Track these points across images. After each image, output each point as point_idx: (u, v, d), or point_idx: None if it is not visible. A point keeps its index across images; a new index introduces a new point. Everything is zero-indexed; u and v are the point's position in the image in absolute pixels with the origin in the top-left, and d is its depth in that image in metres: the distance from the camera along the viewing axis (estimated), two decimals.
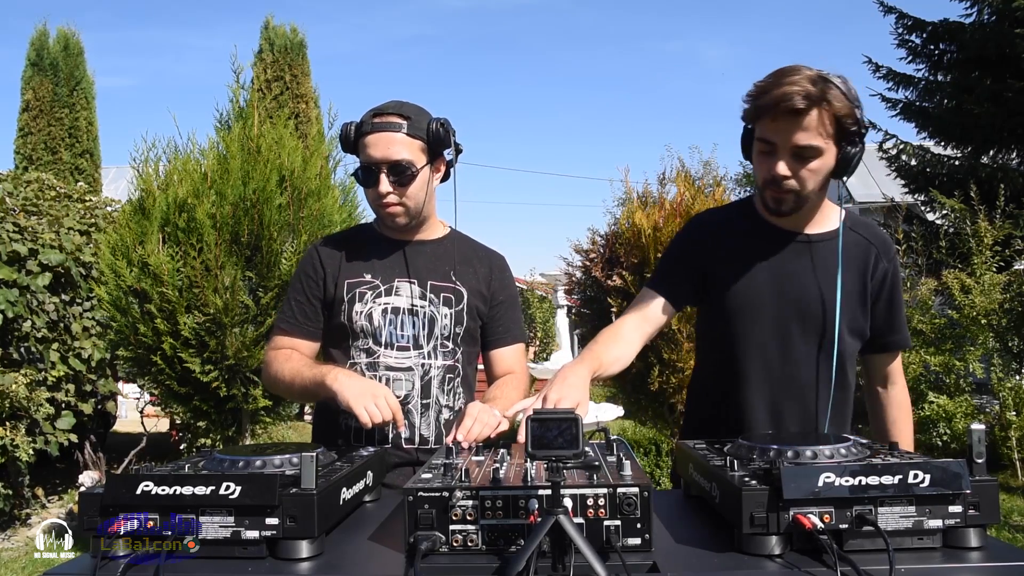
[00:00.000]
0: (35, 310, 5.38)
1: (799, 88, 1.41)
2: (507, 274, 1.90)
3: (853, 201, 17.24)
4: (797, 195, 1.51)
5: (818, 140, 1.45)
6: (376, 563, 1.05)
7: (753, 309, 1.62)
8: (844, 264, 1.59)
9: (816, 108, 1.43)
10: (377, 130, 1.66)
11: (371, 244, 1.80)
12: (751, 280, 1.62)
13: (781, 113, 1.44)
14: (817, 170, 1.49)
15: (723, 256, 1.65)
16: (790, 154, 1.47)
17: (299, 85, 11.29)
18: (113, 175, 16.25)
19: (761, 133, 1.50)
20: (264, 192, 4.41)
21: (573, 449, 0.95)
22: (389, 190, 1.68)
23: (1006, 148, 9.56)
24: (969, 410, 6.71)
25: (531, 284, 15.93)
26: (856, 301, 1.62)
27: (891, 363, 1.75)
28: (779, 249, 1.63)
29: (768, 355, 1.62)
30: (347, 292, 1.74)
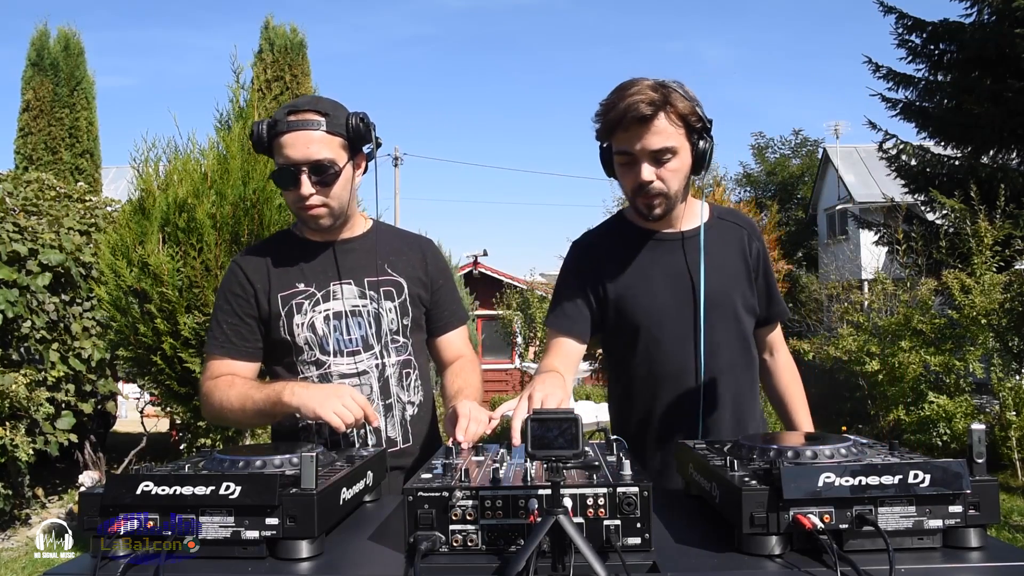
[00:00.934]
0: (35, 310, 5.38)
1: (642, 96, 1.50)
2: (440, 257, 1.87)
3: (853, 201, 17.27)
4: (665, 196, 1.59)
5: (671, 141, 1.54)
6: (376, 563, 1.05)
7: (660, 313, 1.67)
8: (723, 249, 1.70)
9: (661, 111, 1.52)
10: (294, 129, 1.56)
11: (296, 250, 1.72)
12: (648, 286, 1.68)
13: (631, 123, 1.51)
14: (677, 170, 1.57)
15: (614, 271, 1.70)
16: (649, 159, 1.55)
17: (299, 85, 11.28)
18: (113, 175, 16.26)
19: (618, 146, 1.58)
20: (264, 192, 4.41)
21: (573, 449, 0.95)
22: (312, 191, 1.59)
23: (1006, 148, 9.56)
24: (969, 410, 6.71)
25: (531, 284, 15.92)
26: (744, 281, 1.71)
27: (772, 333, 1.86)
28: (663, 251, 1.70)
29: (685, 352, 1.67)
30: (283, 306, 1.66)
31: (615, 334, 1.73)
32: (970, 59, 9.53)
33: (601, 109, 1.57)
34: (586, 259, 1.75)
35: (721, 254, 1.70)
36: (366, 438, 1.66)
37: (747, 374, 1.73)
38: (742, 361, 1.71)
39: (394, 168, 20.14)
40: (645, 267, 1.69)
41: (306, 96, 1.66)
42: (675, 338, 1.67)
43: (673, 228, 1.71)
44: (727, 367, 1.68)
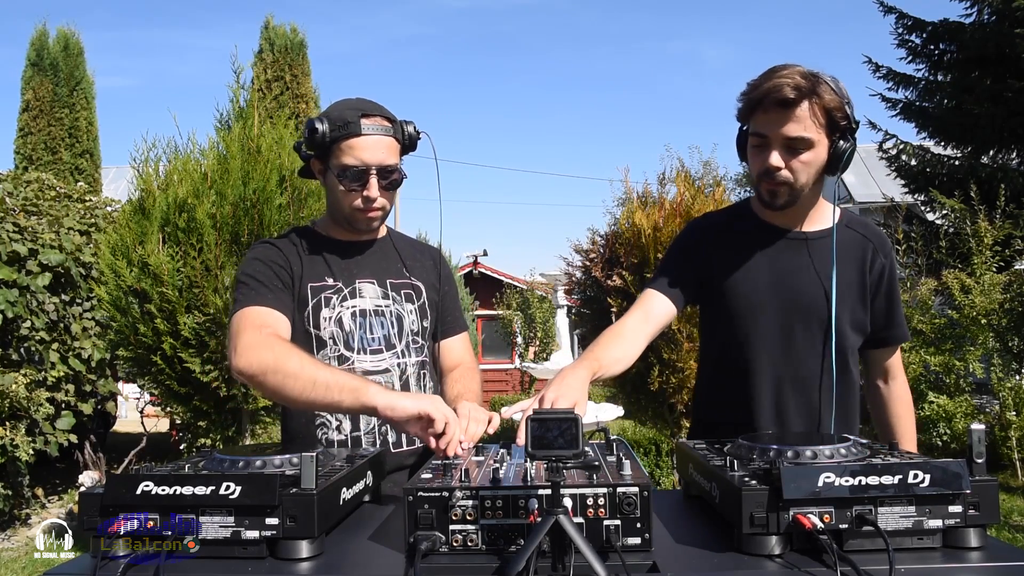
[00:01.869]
0: (35, 310, 5.38)
1: (789, 80, 1.46)
2: (447, 265, 1.91)
3: (853, 201, 17.26)
4: (790, 187, 1.54)
5: (809, 132, 1.49)
6: (376, 563, 1.05)
7: (755, 307, 1.64)
8: (841, 259, 1.62)
9: (806, 100, 1.47)
10: (370, 132, 1.60)
11: (321, 246, 1.73)
12: (752, 279, 1.64)
13: (772, 105, 1.48)
14: (809, 162, 1.52)
15: (723, 256, 1.67)
16: (782, 146, 1.51)
17: (299, 85, 11.29)
18: (113, 175, 16.26)
19: (754, 128, 1.54)
20: (264, 192, 4.41)
21: (573, 449, 0.95)
22: (379, 195, 1.64)
23: (1006, 148, 9.56)
24: (969, 410, 6.71)
25: (531, 284, 15.92)
26: (855, 296, 1.64)
27: (890, 357, 1.77)
28: (778, 247, 1.65)
29: (772, 352, 1.63)
30: (311, 297, 1.66)
31: (707, 315, 1.75)
32: (970, 59, 9.53)
33: (747, 88, 1.53)
34: (700, 237, 1.73)
35: (837, 263, 1.62)
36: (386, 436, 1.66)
37: (835, 392, 1.61)
38: (827, 376, 1.61)
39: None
40: (753, 259, 1.65)
41: (364, 100, 1.66)
42: (758, 337, 1.63)
43: (795, 226, 1.66)
44: (805, 379, 1.62)
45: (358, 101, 1.65)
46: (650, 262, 4.65)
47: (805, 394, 1.64)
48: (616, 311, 4.77)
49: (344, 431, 1.65)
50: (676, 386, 4.70)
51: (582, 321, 5.63)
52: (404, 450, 1.69)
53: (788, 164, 1.51)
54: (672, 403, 4.82)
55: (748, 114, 1.55)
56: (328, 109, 1.67)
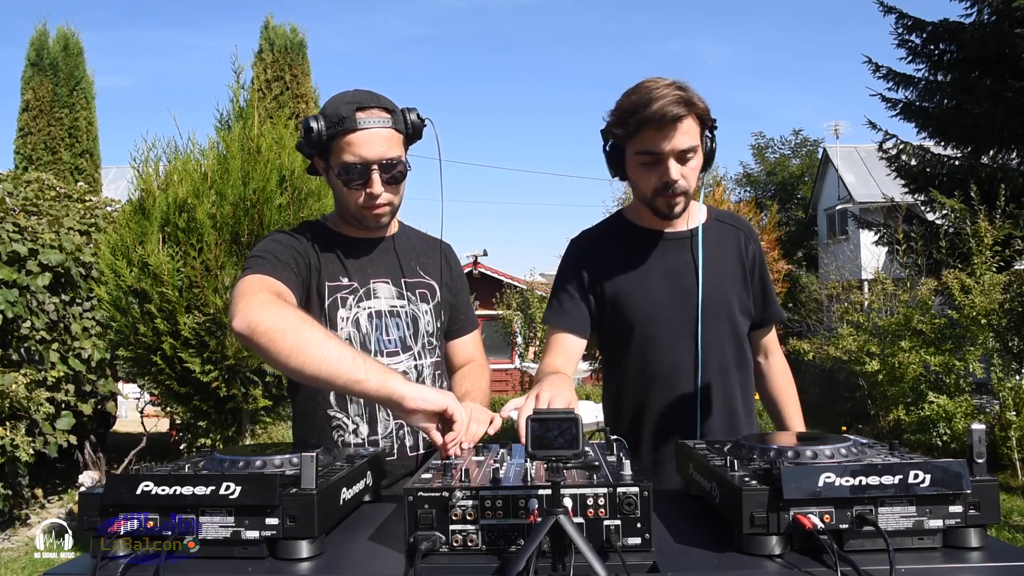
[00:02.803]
0: (35, 310, 5.38)
1: (674, 97, 1.50)
2: (458, 262, 1.87)
3: (853, 201, 17.27)
4: (686, 195, 1.62)
5: (695, 140, 1.57)
6: (376, 563, 1.05)
7: (656, 311, 1.68)
8: (720, 249, 1.71)
9: (690, 113, 1.54)
10: (366, 126, 1.52)
11: (335, 243, 1.65)
12: (645, 285, 1.69)
13: (665, 123, 1.52)
14: (696, 167, 1.61)
15: (611, 270, 1.71)
16: (676, 159, 1.56)
17: (299, 85, 11.30)
18: (113, 175, 16.27)
19: (642, 147, 1.57)
20: (264, 192, 4.41)
21: (573, 449, 0.95)
22: (382, 190, 1.56)
23: (1006, 148, 9.56)
24: (969, 410, 6.71)
25: (531, 284, 15.93)
26: (740, 283, 1.73)
27: (767, 336, 1.87)
28: (661, 250, 1.71)
29: (679, 351, 1.68)
30: (328, 295, 1.59)
31: (611, 332, 1.74)
32: (970, 59, 9.54)
33: (625, 109, 1.55)
34: (584, 256, 1.75)
35: (718, 255, 1.71)
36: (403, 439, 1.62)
37: (741, 375, 1.73)
38: (736, 362, 1.72)
39: None
40: (643, 265, 1.70)
41: (362, 91, 1.58)
42: (669, 337, 1.68)
43: (673, 228, 1.72)
44: (721, 368, 1.69)
45: (354, 93, 1.57)
46: None
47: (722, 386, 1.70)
48: None
49: (361, 434, 1.60)
50: None
51: None
52: (421, 453, 1.65)
53: (683, 174, 1.58)
54: None
55: (632, 134, 1.56)
56: (325, 104, 1.59)
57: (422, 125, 1.61)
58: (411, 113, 1.60)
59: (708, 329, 1.67)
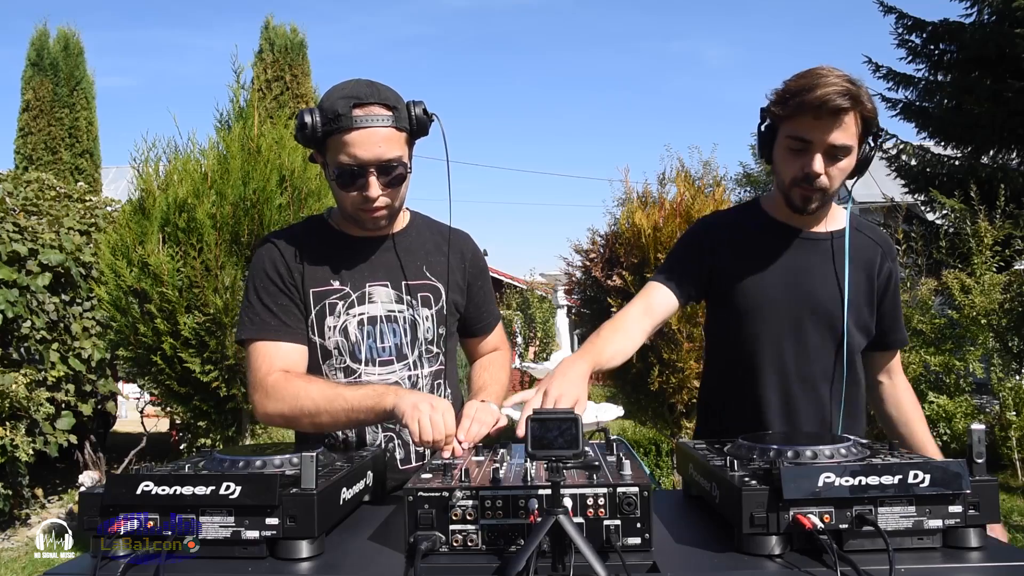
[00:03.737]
0: (35, 310, 5.38)
1: (841, 88, 1.45)
2: (479, 254, 1.74)
3: (853, 201, 17.27)
4: (824, 193, 1.55)
5: (851, 140, 1.49)
6: (376, 563, 1.05)
7: (765, 306, 1.64)
8: (852, 262, 1.62)
9: (854, 109, 1.47)
10: (362, 125, 1.41)
11: (331, 243, 1.57)
12: (762, 277, 1.64)
13: (824, 112, 1.46)
14: (845, 169, 1.53)
15: (732, 254, 1.67)
16: (824, 152, 1.50)
17: (299, 85, 11.29)
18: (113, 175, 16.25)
19: (794, 131, 1.51)
20: (264, 192, 4.41)
21: (573, 449, 0.95)
22: (379, 193, 1.47)
23: (1006, 148, 9.56)
24: (969, 410, 6.71)
25: (531, 284, 15.94)
26: (863, 299, 1.65)
27: (892, 360, 1.79)
28: (789, 246, 1.65)
29: (781, 351, 1.64)
30: (315, 303, 1.52)
31: (717, 315, 1.74)
32: (970, 59, 9.53)
33: (790, 89, 1.50)
34: (709, 233, 1.72)
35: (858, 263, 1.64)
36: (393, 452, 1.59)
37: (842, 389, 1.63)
38: (838, 374, 1.63)
39: None
40: (765, 256, 1.65)
41: (362, 82, 1.47)
42: (771, 334, 1.63)
43: (806, 226, 1.65)
44: (820, 375, 1.63)
45: (353, 86, 1.46)
46: (650, 262, 4.65)
47: (814, 394, 1.64)
48: (616, 311, 4.76)
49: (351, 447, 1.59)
50: (676, 386, 4.70)
51: (582, 321, 5.63)
52: (412, 467, 1.61)
53: (828, 171, 1.51)
54: (672, 403, 4.82)
55: (789, 116, 1.51)
56: (323, 96, 1.49)
57: (428, 121, 1.50)
58: (417, 107, 1.48)
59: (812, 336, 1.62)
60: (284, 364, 1.49)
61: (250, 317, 1.53)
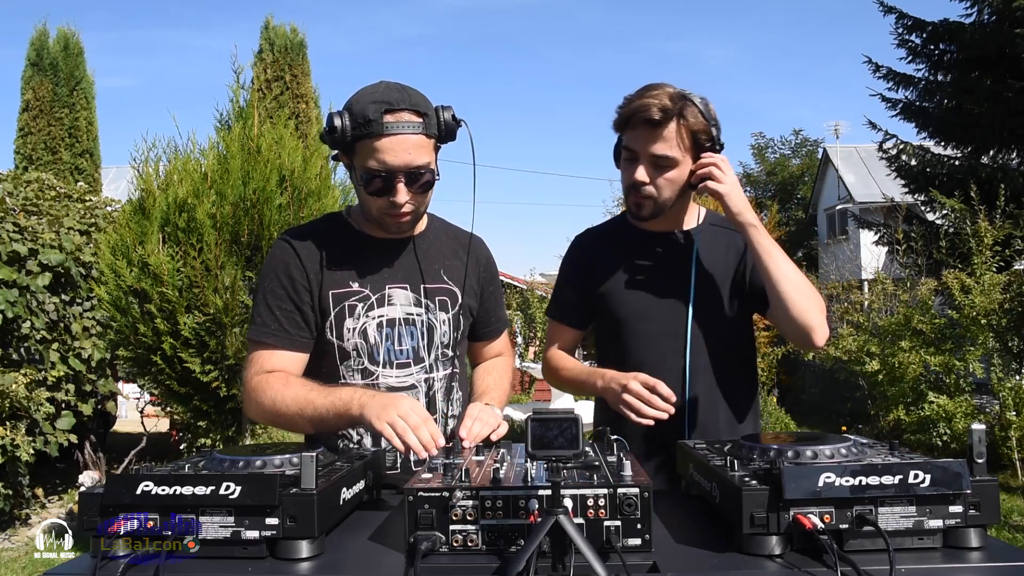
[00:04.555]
0: (35, 310, 5.38)
1: (657, 102, 1.54)
2: (492, 260, 1.77)
3: (853, 201, 17.26)
4: (655, 201, 1.63)
5: (674, 152, 1.57)
6: (376, 563, 1.05)
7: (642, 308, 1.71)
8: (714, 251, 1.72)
9: (672, 121, 1.55)
10: (392, 132, 1.41)
11: (351, 243, 1.58)
12: (633, 283, 1.72)
13: (640, 122, 1.57)
14: (673, 180, 1.61)
15: (605, 269, 1.76)
16: (649, 162, 1.60)
17: (299, 85, 11.29)
18: (113, 175, 16.26)
19: (626, 142, 1.63)
20: (264, 192, 4.41)
21: (573, 449, 0.95)
22: (407, 199, 1.47)
23: (1006, 148, 9.56)
24: (969, 410, 6.71)
25: (531, 284, 15.93)
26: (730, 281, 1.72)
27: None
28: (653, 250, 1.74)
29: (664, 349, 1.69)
30: (334, 305, 1.53)
31: (602, 328, 1.79)
32: (970, 59, 9.53)
33: (623, 102, 1.62)
34: (582, 253, 1.82)
35: (712, 255, 1.72)
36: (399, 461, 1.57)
37: (738, 373, 1.73)
38: (731, 360, 1.72)
39: None
40: (636, 263, 1.74)
41: (392, 86, 1.46)
42: (658, 333, 1.69)
43: (669, 228, 1.75)
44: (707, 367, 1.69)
45: (384, 90, 1.45)
46: None
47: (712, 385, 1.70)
48: None
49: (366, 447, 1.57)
50: None
51: None
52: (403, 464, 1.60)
53: (653, 180, 1.61)
54: None
55: (621, 128, 1.64)
56: (353, 98, 1.47)
57: (456, 126, 1.50)
58: (446, 112, 1.48)
59: (699, 327, 1.69)
60: (273, 368, 1.52)
61: (255, 318, 1.56)
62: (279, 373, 1.50)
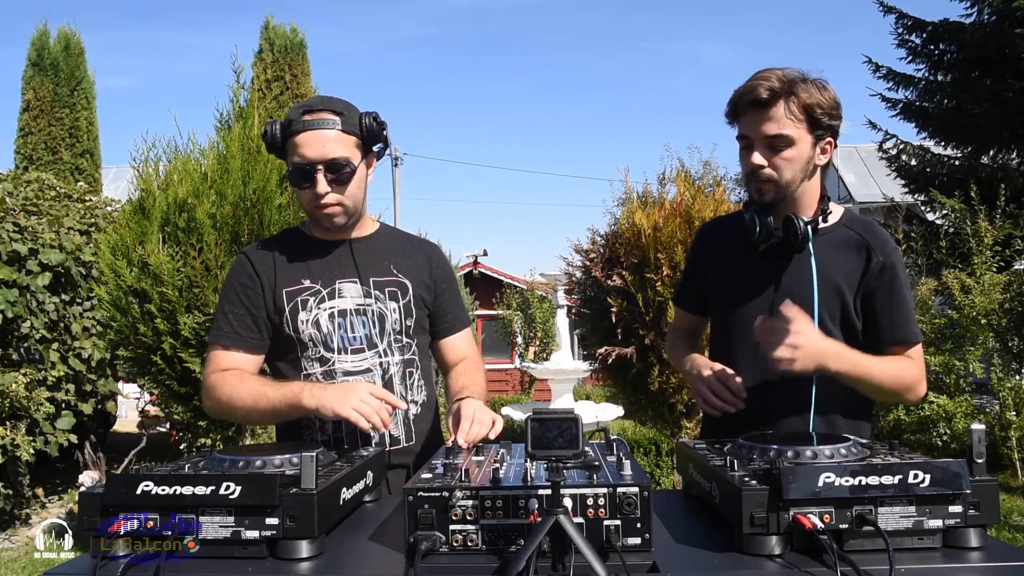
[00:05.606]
0: (35, 310, 5.38)
1: (765, 82, 1.53)
2: (444, 261, 1.89)
3: (853, 201, 17.25)
4: (775, 184, 1.58)
5: (787, 129, 1.53)
6: (376, 563, 1.05)
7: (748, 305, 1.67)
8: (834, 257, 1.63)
9: (781, 99, 1.52)
10: (309, 128, 1.59)
11: (304, 247, 1.73)
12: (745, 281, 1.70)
13: (748, 106, 1.55)
14: (791, 159, 1.56)
15: (718, 265, 1.76)
16: (763, 145, 1.56)
17: (299, 85, 11.29)
18: (113, 175, 16.25)
19: (739, 131, 1.61)
20: (264, 192, 4.41)
21: (573, 449, 0.95)
22: (327, 190, 1.61)
23: (1006, 148, 9.56)
24: (969, 410, 6.71)
25: (531, 284, 15.92)
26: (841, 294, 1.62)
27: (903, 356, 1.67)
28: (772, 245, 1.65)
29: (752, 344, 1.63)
30: (287, 302, 1.67)
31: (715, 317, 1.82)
32: (970, 59, 9.53)
33: (734, 93, 1.60)
34: (701, 244, 1.87)
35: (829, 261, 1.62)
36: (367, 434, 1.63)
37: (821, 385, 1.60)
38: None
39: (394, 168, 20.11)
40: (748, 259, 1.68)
41: (318, 96, 1.68)
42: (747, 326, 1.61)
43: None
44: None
45: (310, 99, 1.66)
46: (650, 262, 4.65)
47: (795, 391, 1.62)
48: (616, 311, 4.77)
49: (327, 431, 1.67)
50: (676, 386, 4.70)
51: (582, 321, 5.63)
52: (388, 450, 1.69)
53: (771, 162, 1.56)
54: (672, 403, 4.82)
55: (734, 117, 1.62)
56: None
57: (379, 128, 1.66)
58: (367, 117, 1.65)
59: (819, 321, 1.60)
60: (227, 366, 1.66)
61: (213, 323, 1.72)
62: (234, 371, 1.65)
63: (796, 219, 1.59)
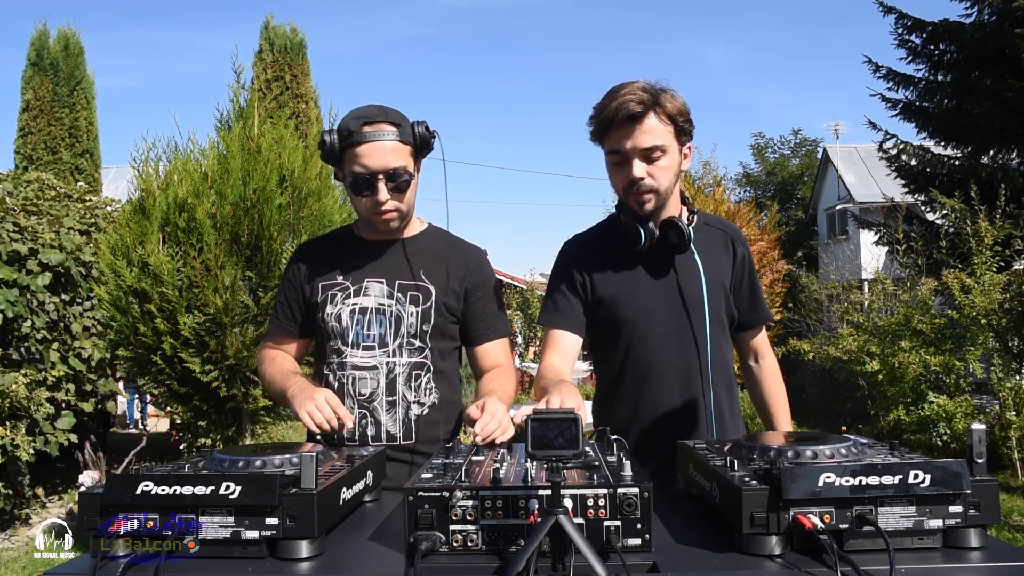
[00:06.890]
0: (35, 310, 5.38)
1: (633, 96, 1.58)
2: (484, 269, 1.88)
3: (853, 201, 17.26)
4: (656, 193, 1.65)
5: (661, 139, 1.60)
6: (376, 563, 1.05)
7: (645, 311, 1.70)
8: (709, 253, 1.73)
9: (652, 111, 1.59)
10: (370, 139, 1.67)
11: (348, 247, 1.84)
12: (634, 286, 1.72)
13: (622, 121, 1.59)
14: (667, 167, 1.64)
15: (600, 272, 1.75)
16: (641, 156, 1.61)
17: (299, 85, 11.29)
18: (113, 175, 16.26)
19: (610, 146, 1.64)
20: (264, 192, 4.41)
21: (573, 449, 0.95)
22: (388, 198, 1.70)
23: (1006, 148, 9.56)
24: (969, 410, 6.71)
25: (531, 284, 15.94)
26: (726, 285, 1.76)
27: (757, 337, 1.89)
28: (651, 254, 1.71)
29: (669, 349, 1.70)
30: (320, 295, 1.80)
31: (602, 331, 1.77)
32: (970, 59, 9.53)
33: (594, 112, 1.64)
34: (576, 257, 1.79)
35: (707, 258, 1.73)
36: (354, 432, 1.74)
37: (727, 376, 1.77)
38: (723, 361, 1.74)
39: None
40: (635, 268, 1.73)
41: (373, 106, 1.73)
42: (662, 335, 1.70)
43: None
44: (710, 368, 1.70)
45: (366, 109, 1.71)
46: None
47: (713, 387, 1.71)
48: None
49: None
50: None
51: None
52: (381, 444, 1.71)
53: (649, 172, 1.62)
54: None
55: (602, 136, 1.65)
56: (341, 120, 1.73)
57: (431, 137, 1.74)
58: (419, 126, 1.73)
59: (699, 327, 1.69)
60: (271, 344, 1.92)
61: (273, 311, 1.95)
62: (271, 351, 1.90)
63: (678, 222, 1.67)
